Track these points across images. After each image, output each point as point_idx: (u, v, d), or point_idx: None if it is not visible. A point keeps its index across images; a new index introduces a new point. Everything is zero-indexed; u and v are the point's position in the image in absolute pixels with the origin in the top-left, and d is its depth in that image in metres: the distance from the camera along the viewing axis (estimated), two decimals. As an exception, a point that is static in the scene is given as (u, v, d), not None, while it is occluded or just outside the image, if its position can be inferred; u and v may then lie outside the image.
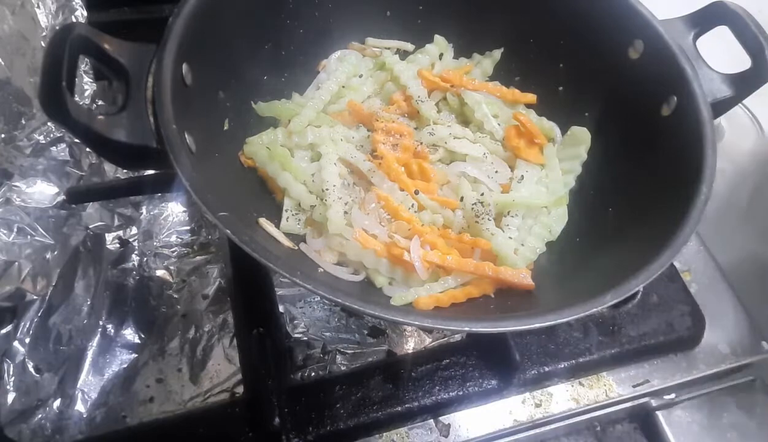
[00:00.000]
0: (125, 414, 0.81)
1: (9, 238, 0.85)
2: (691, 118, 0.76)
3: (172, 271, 0.94)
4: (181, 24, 0.69)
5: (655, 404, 0.87)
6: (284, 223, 0.79)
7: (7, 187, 0.88)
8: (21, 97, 0.92)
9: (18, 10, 0.91)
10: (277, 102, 0.88)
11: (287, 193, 0.81)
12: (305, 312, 0.90)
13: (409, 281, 0.76)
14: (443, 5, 0.98)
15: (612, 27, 0.86)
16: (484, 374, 0.81)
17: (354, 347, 0.88)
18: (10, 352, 0.80)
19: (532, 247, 0.81)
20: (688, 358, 0.89)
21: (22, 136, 0.92)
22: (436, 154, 0.87)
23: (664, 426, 0.86)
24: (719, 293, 0.97)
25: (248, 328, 0.79)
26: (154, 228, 0.98)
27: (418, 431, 0.79)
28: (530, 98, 0.96)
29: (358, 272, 0.77)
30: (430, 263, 0.74)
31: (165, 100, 0.64)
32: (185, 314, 0.91)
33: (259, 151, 0.82)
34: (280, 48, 0.91)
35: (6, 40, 0.89)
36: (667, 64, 0.80)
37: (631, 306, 0.90)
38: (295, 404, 0.76)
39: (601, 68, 0.89)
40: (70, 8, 0.97)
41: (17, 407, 0.78)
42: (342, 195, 0.79)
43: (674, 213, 0.68)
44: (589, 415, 0.85)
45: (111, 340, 0.87)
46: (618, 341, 0.87)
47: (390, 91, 0.94)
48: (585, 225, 0.84)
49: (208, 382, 0.85)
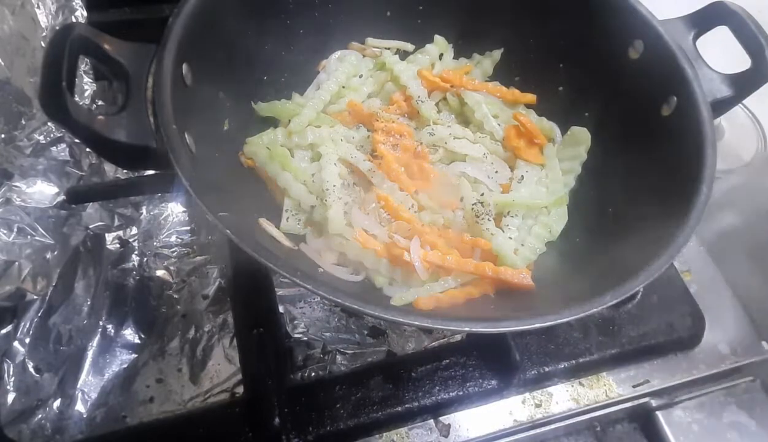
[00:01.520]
0: (125, 414, 0.81)
1: (9, 238, 0.85)
2: (691, 118, 0.76)
3: (172, 271, 0.94)
4: (181, 24, 0.69)
5: (655, 404, 0.87)
6: (284, 223, 0.79)
7: (7, 187, 0.88)
8: (21, 97, 0.92)
9: (18, 10, 0.91)
10: (277, 102, 0.88)
11: (287, 194, 0.81)
12: (305, 312, 0.90)
13: (409, 281, 0.76)
14: (443, 5, 0.98)
15: (612, 27, 0.86)
16: (484, 374, 0.81)
17: (354, 347, 0.88)
18: (10, 352, 0.80)
19: (532, 247, 0.81)
20: (688, 358, 0.89)
21: (22, 136, 0.92)
22: (436, 155, 0.87)
23: (664, 426, 0.86)
24: (719, 293, 0.97)
25: (248, 328, 0.79)
26: (154, 228, 0.98)
27: (418, 431, 0.79)
28: (530, 98, 0.96)
29: (358, 272, 0.77)
30: (430, 263, 0.74)
31: (165, 100, 0.64)
32: (185, 314, 0.91)
33: (259, 151, 0.82)
34: (280, 48, 0.91)
35: (6, 40, 0.89)
36: (667, 64, 0.80)
37: (631, 306, 0.90)
38: (295, 404, 0.76)
39: (601, 68, 0.89)
40: (70, 8, 0.97)
41: (17, 407, 0.78)
42: (342, 195, 0.79)
43: (674, 213, 0.68)
44: (589, 415, 0.85)
45: (111, 340, 0.87)
46: (618, 341, 0.87)
47: (390, 91, 0.94)
48: (585, 225, 0.84)
49: (208, 382, 0.85)
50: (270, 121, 0.87)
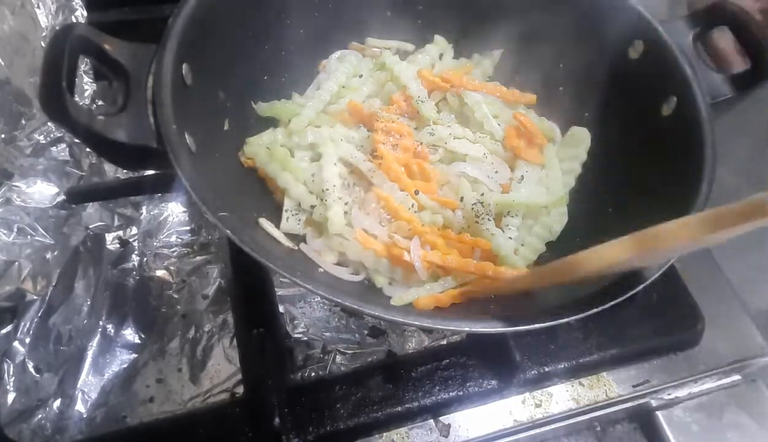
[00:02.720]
0: (125, 414, 0.81)
1: (9, 238, 0.85)
2: (691, 118, 0.76)
3: (172, 271, 0.94)
4: (181, 24, 0.69)
5: (655, 404, 0.87)
6: (284, 223, 0.79)
7: (7, 187, 0.88)
8: (21, 97, 0.92)
9: (18, 10, 0.91)
10: (277, 102, 0.88)
11: (287, 194, 0.80)
12: (305, 312, 0.90)
13: (409, 281, 0.76)
14: (443, 5, 0.98)
15: (612, 27, 0.86)
16: (484, 374, 0.81)
17: (354, 347, 0.88)
18: (10, 352, 0.80)
19: (533, 247, 0.81)
20: (688, 358, 0.89)
21: (22, 136, 0.92)
22: (436, 155, 0.87)
23: (664, 426, 0.86)
24: (719, 292, 0.97)
25: (248, 328, 0.79)
26: (154, 228, 0.98)
27: (418, 431, 0.79)
28: (530, 98, 0.96)
29: (358, 272, 0.77)
30: (431, 263, 0.74)
31: (165, 100, 0.64)
32: (185, 314, 0.91)
33: (259, 151, 0.82)
34: (280, 48, 0.90)
35: (6, 40, 0.89)
36: (667, 64, 0.80)
37: (631, 306, 0.90)
38: (295, 404, 0.76)
39: (601, 68, 0.89)
40: (70, 8, 0.97)
41: (17, 407, 0.78)
42: (342, 195, 0.79)
43: (674, 213, 0.68)
44: (589, 415, 0.85)
45: (111, 340, 0.87)
46: (618, 341, 0.87)
47: (390, 92, 0.93)
48: (585, 225, 0.84)
49: (208, 382, 0.85)
50: (270, 121, 0.87)
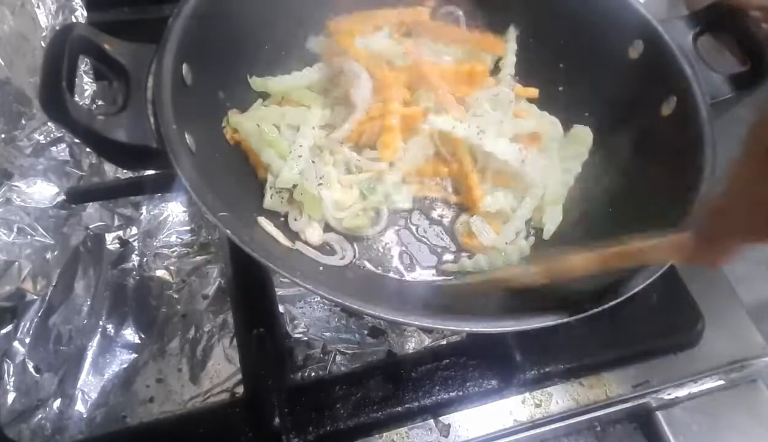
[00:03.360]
0: (125, 414, 0.81)
1: (9, 238, 0.85)
2: (691, 118, 0.76)
3: (172, 271, 0.94)
4: (181, 24, 0.69)
5: (655, 404, 0.87)
6: (267, 199, 0.80)
7: (7, 187, 0.88)
8: (21, 97, 0.92)
9: (18, 10, 0.91)
10: (272, 77, 0.88)
11: (270, 170, 0.81)
12: (305, 312, 0.90)
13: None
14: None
15: (612, 27, 0.86)
16: (484, 374, 0.81)
17: (354, 347, 0.88)
18: (10, 352, 0.80)
19: (519, 247, 0.84)
20: (688, 358, 0.89)
21: (22, 136, 0.92)
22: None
23: (664, 426, 0.86)
24: (719, 293, 0.97)
25: (248, 328, 0.79)
26: (154, 228, 0.98)
27: (418, 431, 0.79)
28: (532, 92, 0.96)
29: (344, 249, 0.80)
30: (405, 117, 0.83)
31: (165, 100, 0.64)
32: (185, 314, 0.91)
33: (245, 123, 0.81)
34: (280, 48, 0.91)
35: (6, 40, 0.89)
36: (667, 64, 0.80)
37: (631, 306, 0.90)
38: (295, 404, 0.76)
39: (601, 68, 0.89)
40: (70, 8, 0.97)
41: (17, 407, 0.78)
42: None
43: (674, 213, 0.68)
44: (589, 415, 0.85)
45: (111, 340, 0.87)
46: (618, 341, 0.86)
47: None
48: (585, 225, 0.84)
49: (208, 382, 0.85)
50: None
